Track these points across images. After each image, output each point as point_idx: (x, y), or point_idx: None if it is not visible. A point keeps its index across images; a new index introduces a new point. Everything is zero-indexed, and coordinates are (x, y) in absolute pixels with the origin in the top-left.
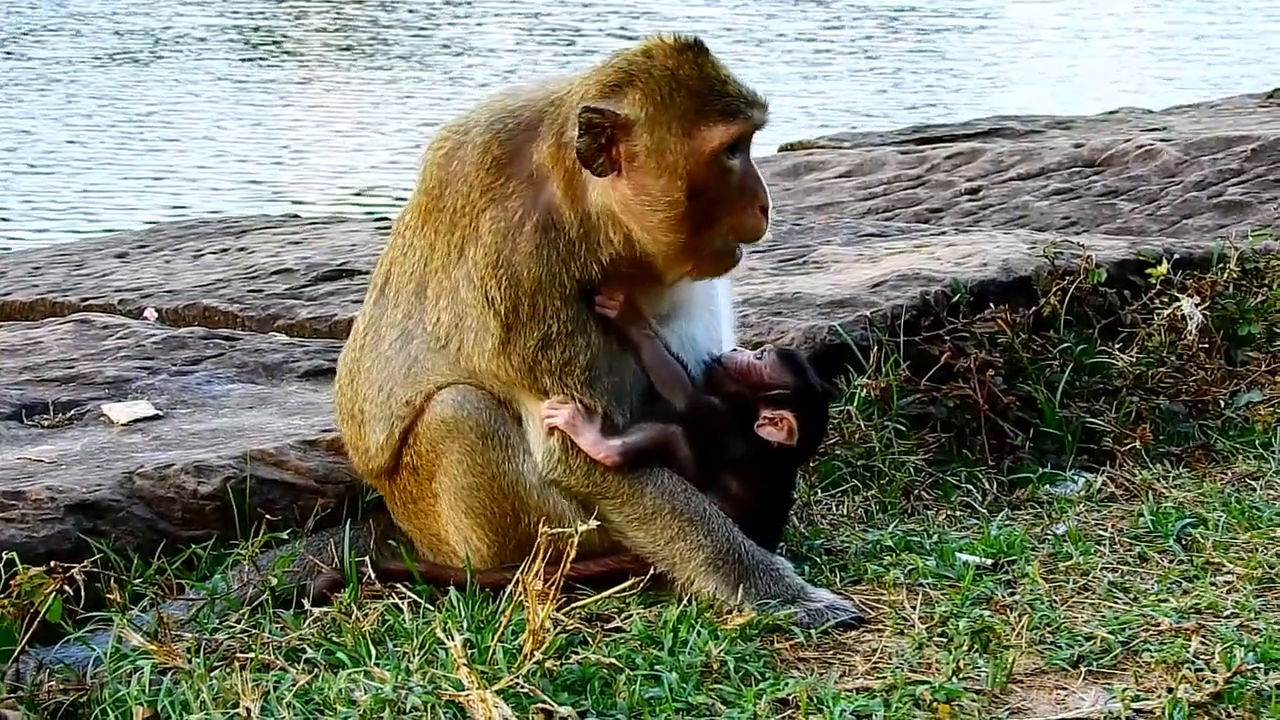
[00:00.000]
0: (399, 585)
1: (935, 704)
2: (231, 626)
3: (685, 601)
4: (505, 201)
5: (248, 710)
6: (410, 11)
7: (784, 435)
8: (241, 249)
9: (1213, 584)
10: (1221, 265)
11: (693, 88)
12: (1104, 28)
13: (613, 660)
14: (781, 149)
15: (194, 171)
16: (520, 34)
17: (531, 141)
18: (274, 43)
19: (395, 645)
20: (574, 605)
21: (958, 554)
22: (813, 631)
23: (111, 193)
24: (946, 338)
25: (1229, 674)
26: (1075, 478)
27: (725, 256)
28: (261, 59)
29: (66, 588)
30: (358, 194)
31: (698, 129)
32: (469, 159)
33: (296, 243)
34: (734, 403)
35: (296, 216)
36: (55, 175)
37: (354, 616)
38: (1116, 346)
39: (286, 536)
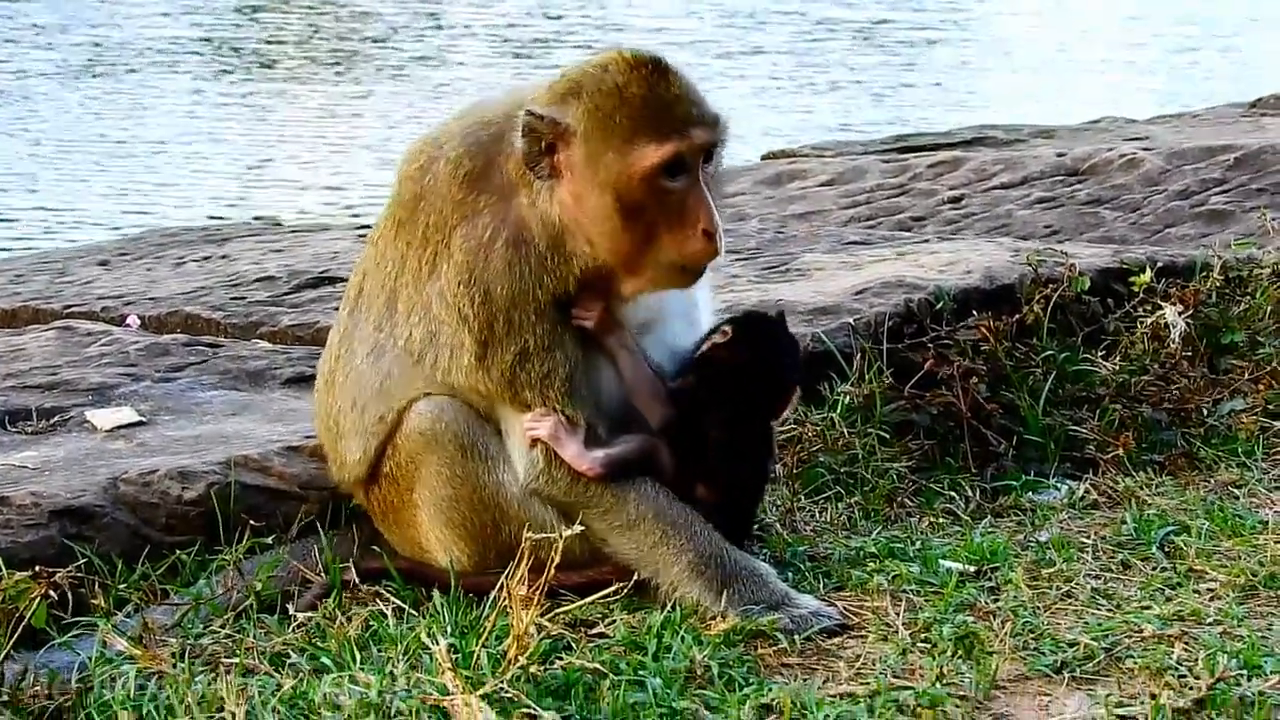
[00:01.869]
0: (383, 591)
1: (919, 710)
2: (216, 631)
3: (669, 607)
4: (477, 218)
5: (232, 715)
6: (380, 24)
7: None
8: (224, 256)
9: (1196, 591)
10: (1204, 274)
11: (635, 105)
12: (1083, 40)
13: (597, 665)
14: (764, 157)
15: (166, 184)
16: (493, 45)
17: (501, 153)
18: (244, 55)
19: (380, 650)
20: (558, 611)
21: (941, 561)
22: (796, 637)
23: (80, 207)
24: (930, 345)
25: (1212, 680)
26: (1058, 485)
27: (675, 274)
28: (230, 71)
29: (51, 593)
30: (340, 204)
31: (632, 147)
32: (442, 174)
33: (279, 250)
34: (711, 391)
35: (279, 224)
36: (12, 192)
37: (338, 622)
38: (1100, 354)
39: (270, 542)
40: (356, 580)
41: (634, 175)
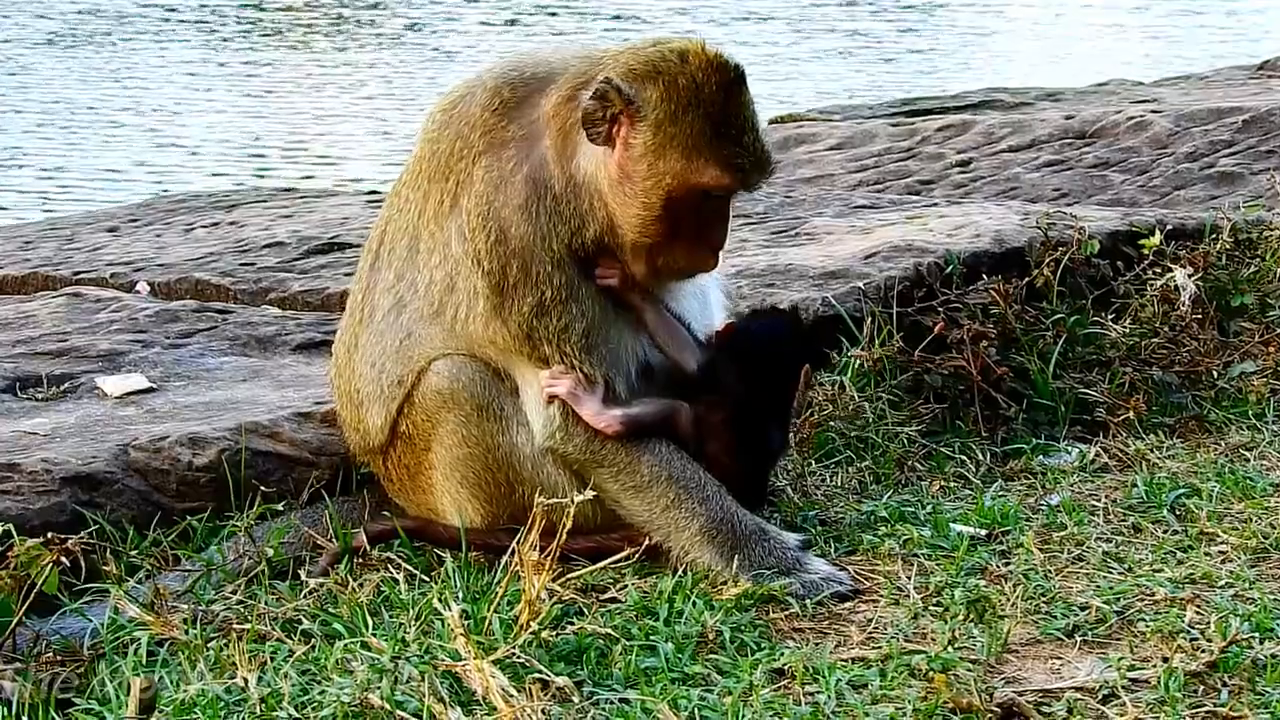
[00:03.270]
0: (394, 556)
1: (930, 674)
2: (227, 598)
3: (680, 572)
4: (502, 149)
5: (245, 680)
6: None
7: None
8: (233, 223)
9: (1207, 554)
10: (1214, 236)
11: (710, 115)
12: (1086, 3)
13: (608, 630)
14: (772, 121)
15: (174, 152)
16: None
17: (542, 93)
18: (245, 22)
19: (391, 616)
20: (569, 576)
21: (952, 525)
22: (808, 602)
23: (83, 176)
24: (939, 309)
25: (1224, 643)
26: (1069, 448)
27: (674, 273)
28: (230, 40)
29: (63, 559)
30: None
31: (697, 157)
32: (476, 100)
33: (288, 216)
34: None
35: (288, 190)
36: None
37: (350, 588)
38: (1110, 317)
39: (281, 508)
40: (366, 544)
41: (687, 184)
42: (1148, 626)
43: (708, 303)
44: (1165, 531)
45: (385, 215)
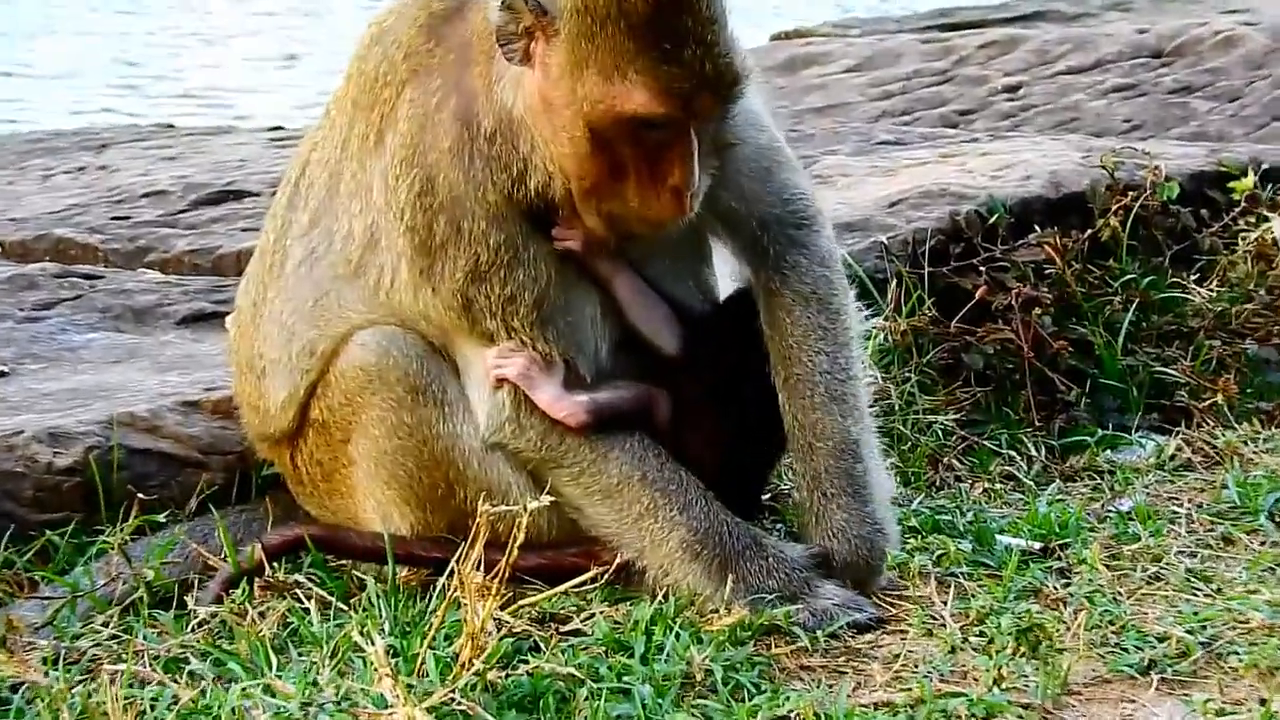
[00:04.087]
0: (304, 579)
1: None
2: (97, 631)
3: (659, 597)
4: (429, 77)
5: None
6: None
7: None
8: (102, 167)
9: None
10: None
11: (635, 25)
12: None
13: (571, 671)
14: (774, 38)
15: (25, 81)
16: None
17: (471, 6)
18: None
19: (301, 653)
20: (523, 603)
21: (999, 537)
22: (819, 634)
23: None
24: (981, 268)
25: None
26: (1142, 441)
27: (635, 223)
28: None
29: None
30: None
31: (619, 79)
32: (406, 14)
33: (170, 158)
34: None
35: (171, 126)
36: None
37: (249, 618)
38: (1192, 279)
39: (164, 520)
40: (265, 561)
41: (612, 112)
42: (1240, 661)
43: (699, 271)
44: (1262, 543)
45: (311, 139)
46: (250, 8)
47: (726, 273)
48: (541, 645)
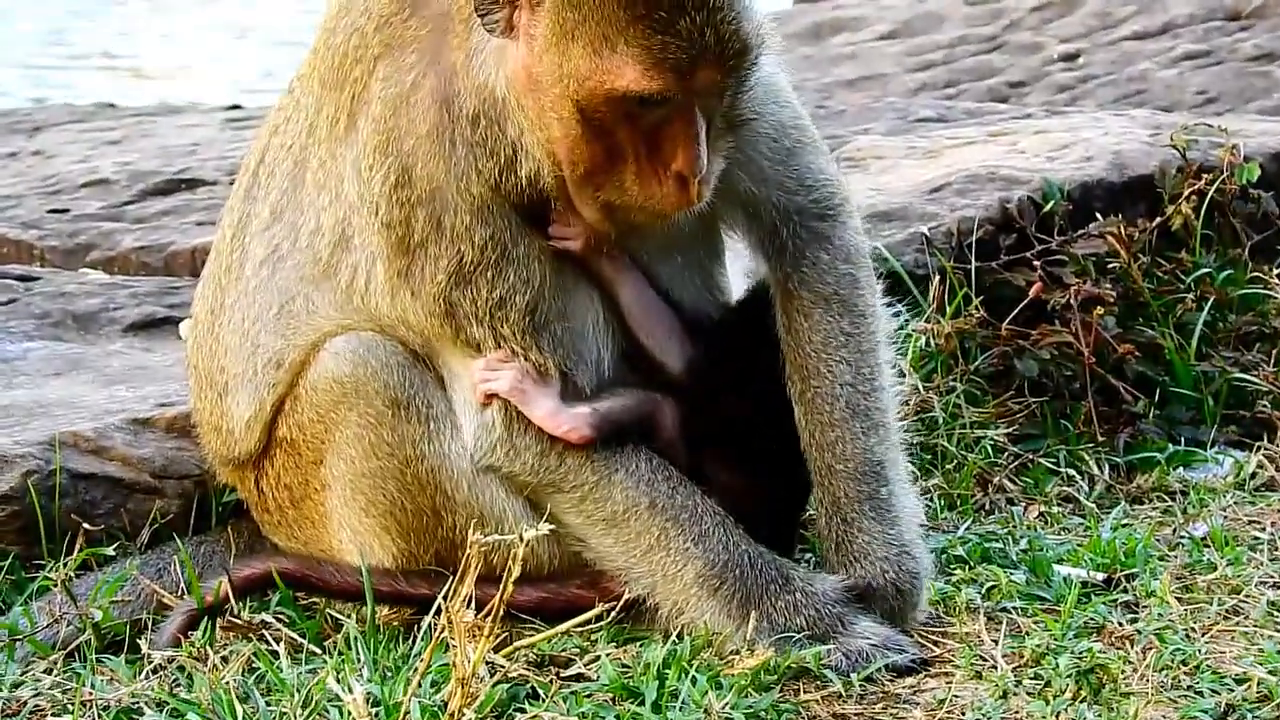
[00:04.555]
0: (271, 619)
1: None
2: (39, 679)
3: (673, 637)
4: (403, 52)
5: None
6: None
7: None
8: (36, 152)
9: None
10: None
11: None
12: None
13: None
14: (798, 1)
15: None
16: None
17: None
18: None
19: (269, 702)
20: (519, 644)
21: (1057, 566)
22: (854, 677)
23: None
24: (1036, 263)
25: None
26: (1219, 457)
27: (639, 213)
28: None
29: None
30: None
31: (609, 52)
32: None
33: (114, 143)
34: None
35: (112, 105)
36: None
37: (210, 663)
38: (1275, 273)
39: (113, 553)
40: (232, 597)
41: (603, 89)
42: None
43: (711, 269)
44: None
45: (272, 121)
46: None
47: (739, 269)
48: (540, 692)
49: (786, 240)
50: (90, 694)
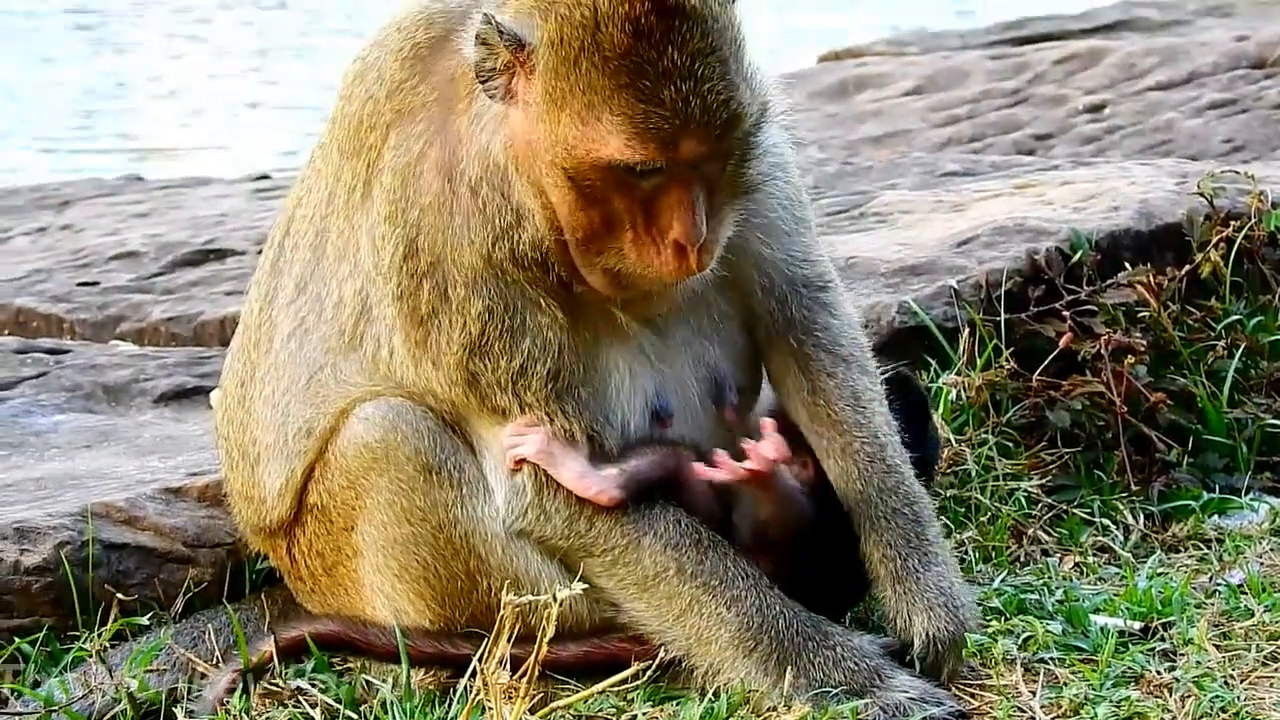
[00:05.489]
0: (306, 685)
1: None
2: None
3: (710, 695)
4: (412, 120)
5: None
6: None
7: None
8: (65, 226)
9: None
10: None
11: (611, 59)
12: None
13: None
14: (822, 59)
15: None
16: None
17: (460, 33)
18: None
19: None
20: (556, 705)
21: (1093, 616)
22: None
23: None
24: (1065, 313)
25: None
26: (1255, 504)
27: (640, 282)
28: None
29: None
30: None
31: (593, 120)
32: (389, 44)
33: (142, 215)
34: None
35: (140, 178)
36: None
37: None
38: None
39: (147, 623)
40: (276, 659)
41: (590, 158)
42: None
43: (737, 337)
44: None
45: (295, 193)
46: (239, 46)
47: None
48: None
49: (795, 312)
50: None
